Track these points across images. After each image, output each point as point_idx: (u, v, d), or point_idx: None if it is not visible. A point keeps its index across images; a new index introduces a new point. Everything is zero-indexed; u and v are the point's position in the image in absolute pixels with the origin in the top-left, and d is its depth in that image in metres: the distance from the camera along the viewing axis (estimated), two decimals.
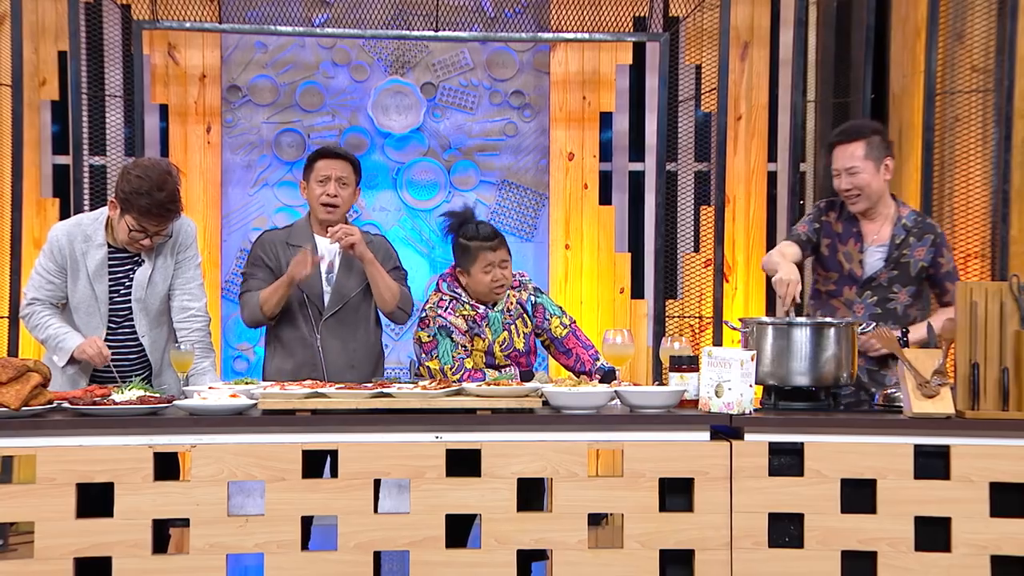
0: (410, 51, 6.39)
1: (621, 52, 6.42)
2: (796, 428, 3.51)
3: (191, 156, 6.19)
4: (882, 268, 4.32)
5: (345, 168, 4.41)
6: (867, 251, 4.35)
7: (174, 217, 4.12)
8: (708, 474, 3.46)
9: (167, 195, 4.03)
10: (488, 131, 6.46)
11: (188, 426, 3.42)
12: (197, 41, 6.20)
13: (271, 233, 4.54)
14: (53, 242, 4.16)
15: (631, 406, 3.60)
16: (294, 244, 4.39)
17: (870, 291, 4.34)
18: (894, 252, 4.32)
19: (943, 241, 4.36)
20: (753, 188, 6.45)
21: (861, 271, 4.35)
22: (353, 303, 4.40)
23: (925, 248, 4.32)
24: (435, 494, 3.42)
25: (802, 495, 3.47)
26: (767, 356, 3.74)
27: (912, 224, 4.34)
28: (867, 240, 4.36)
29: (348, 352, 4.39)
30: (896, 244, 4.32)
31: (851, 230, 4.38)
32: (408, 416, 3.47)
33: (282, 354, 4.41)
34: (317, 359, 4.35)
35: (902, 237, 4.32)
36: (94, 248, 4.15)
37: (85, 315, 4.17)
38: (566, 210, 6.41)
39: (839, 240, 4.40)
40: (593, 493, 3.46)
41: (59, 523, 3.33)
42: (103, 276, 4.15)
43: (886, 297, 4.32)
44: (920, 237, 4.32)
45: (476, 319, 4.27)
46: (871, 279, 4.34)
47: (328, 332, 4.37)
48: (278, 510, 3.39)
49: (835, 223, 4.42)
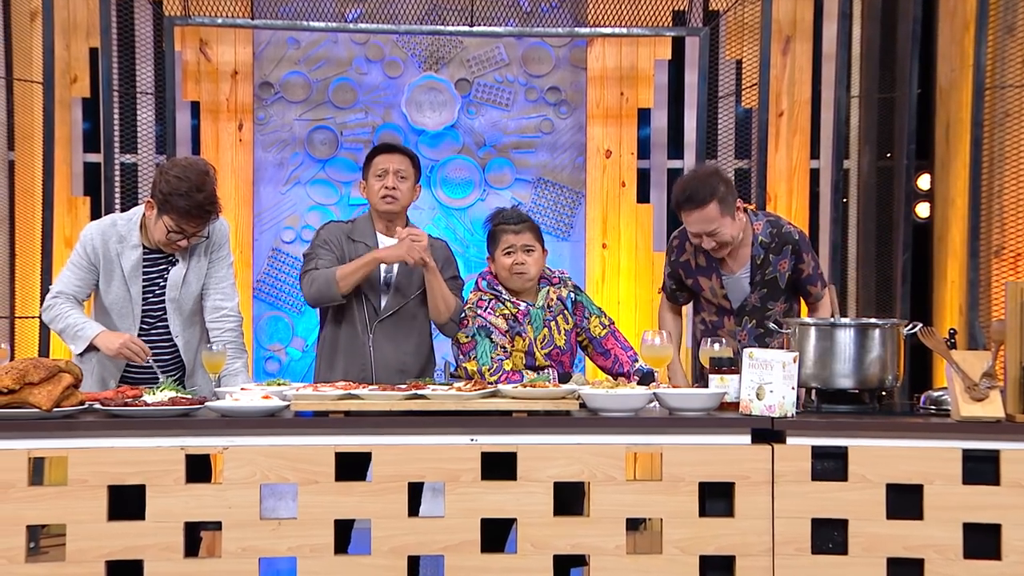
0: (444, 47, 6.41)
1: (660, 47, 6.40)
2: (840, 431, 3.49)
3: (222, 154, 6.23)
4: (749, 292, 4.37)
5: (403, 162, 4.40)
6: (730, 281, 4.39)
7: (213, 218, 4.15)
8: (749, 478, 3.44)
9: (206, 196, 4.06)
10: (524, 128, 6.46)
11: (220, 428, 3.44)
12: (229, 37, 6.24)
13: (335, 224, 4.53)
14: (87, 241, 4.19)
15: (670, 408, 3.59)
16: (357, 239, 4.39)
17: (747, 316, 4.41)
18: (756, 274, 4.35)
19: (803, 245, 4.37)
20: (795, 186, 6.41)
21: (730, 303, 4.40)
22: (411, 306, 4.40)
23: (787, 260, 4.35)
24: (470, 498, 3.42)
25: (846, 500, 3.44)
26: (810, 358, 3.72)
27: (768, 239, 4.35)
28: (725, 269, 4.38)
29: (399, 356, 4.38)
30: (757, 264, 4.35)
31: (711, 263, 4.39)
32: (443, 418, 3.47)
33: (334, 355, 4.40)
34: (367, 360, 4.35)
35: (761, 256, 4.34)
36: (129, 249, 4.18)
37: (118, 316, 4.20)
38: (603, 209, 6.41)
39: (701, 274, 4.43)
40: (631, 497, 3.45)
41: (91, 525, 3.36)
42: (138, 277, 4.18)
43: (764, 316, 4.37)
44: (779, 251, 4.35)
45: (517, 317, 4.27)
46: (743, 306, 4.39)
47: (381, 334, 4.36)
48: (311, 513, 3.40)
49: (693, 258, 4.44)
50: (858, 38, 6.35)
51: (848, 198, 6.39)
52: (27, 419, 3.39)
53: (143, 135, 6.16)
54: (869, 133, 6.36)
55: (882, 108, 6.24)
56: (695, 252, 4.41)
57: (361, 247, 4.37)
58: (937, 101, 6.28)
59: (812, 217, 6.43)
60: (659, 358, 3.88)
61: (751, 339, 4.38)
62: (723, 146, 6.37)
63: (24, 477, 3.35)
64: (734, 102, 6.36)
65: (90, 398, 3.61)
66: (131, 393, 3.66)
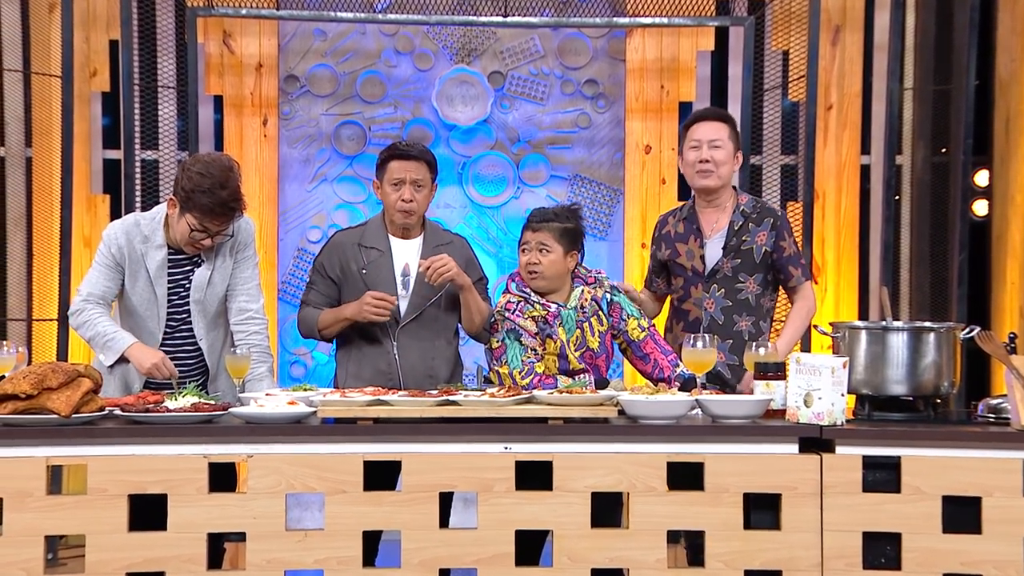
0: (477, 38, 6.41)
1: (702, 37, 6.38)
2: (892, 441, 3.47)
3: (246, 150, 6.27)
4: (722, 257, 4.47)
5: (420, 169, 4.36)
6: (707, 244, 4.50)
7: (237, 216, 4.17)
8: (796, 489, 3.43)
9: (230, 193, 4.08)
10: (560, 123, 6.46)
11: (244, 435, 3.46)
12: (253, 29, 6.28)
13: (343, 234, 4.51)
14: (111, 240, 4.21)
15: (713, 416, 3.58)
16: (367, 246, 4.38)
17: (716, 284, 4.49)
18: (732, 239, 4.46)
19: (785, 224, 4.52)
20: (844, 183, 6.38)
21: (703, 266, 4.50)
22: (432, 310, 4.39)
23: (766, 232, 4.47)
24: (504, 508, 3.42)
25: (899, 513, 3.43)
26: (860, 363, 3.70)
27: (750, 210, 4.51)
28: (706, 233, 4.52)
29: (427, 361, 4.37)
30: (735, 230, 4.47)
31: (691, 227, 4.55)
32: (475, 425, 3.48)
33: (356, 363, 4.40)
34: (393, 368, 4.34)
35: (740, 223, 4.47)
36: (154, 249, 4.20)
37: (143, 318, 4.23)
38: (643, 207, 6.40)
39: (679, 240, 4.56)
40: (672, 509, 3.45)
41: (111, 536, 3.38)
42: (163, 278, 4.20)
43: (734, 288, 4.48)
44: (759, 222, 4.48)
45: (547, 319, 4.27)
46: (714, 271, 4.49)
47: (406, 340, 4.35)
48: (338, 524, 3.42)
49: (673, 227, 4.62)
50: (912, 27, 6.31)
51: (901, 196, 6.35)
52: (45, 425, 3.42)
53: (164, 131, 6.20)
54: (923, 127, 6.31)
55: (937, 101, 6.20)
56: (676, 222, 4.60)
57: (373, 253, 4.37)
58: (996, 93, 6.23)
59: (863, 216, 6.40)
60: (702, 362, 3.86)
61: (718, 308, 4.47)
62: (768, 141, 6.35)
63: (42, 486, 3.38)
64: (780, 95, 6.34)
65: (110, 404, 3.64)
66: (152, 399, 3.68)
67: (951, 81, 6.12)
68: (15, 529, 3.37)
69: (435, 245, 4.41)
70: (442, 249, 4.37)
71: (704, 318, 4.46)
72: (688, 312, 4.53)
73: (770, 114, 6.34)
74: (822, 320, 6.10)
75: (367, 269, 4.35)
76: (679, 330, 4.52)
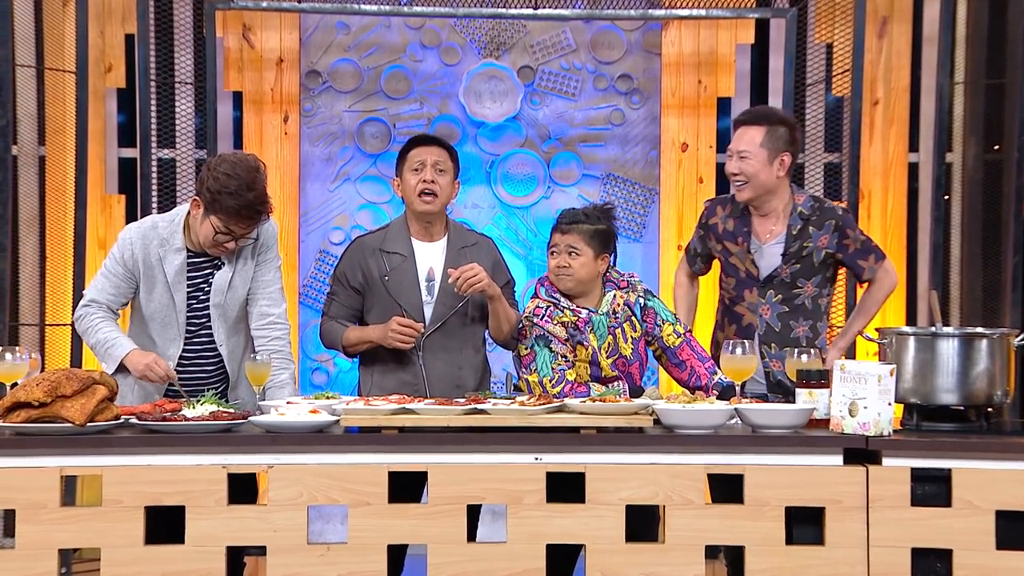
0: (506, 31, 6.42)
1: (742, 30, 6.37)
2: (942, 452, 3.46)
3: (266, 148, 6.29)
4: (781, 264, 4.43)
5: (441, 154, 4.40)
6: (761, 250, 4.46)
7: (263, 220, 4.18)
8: (841, 503, 3.42)
9: (257, 195, 4.09)
10: (592, 119, 6.46)
11: (265, 444, 3.47)
12: (274, 22, 6.30)
13: (364, 239, 4.52)
14: (124, 245, 4.23)
15: (753, 426, 3.58)
16: (389, 251, 4.40)
17: (772, 290, 4.46)
18: (792, 245, 4.41)
19: (847, 222, 4.48)
20: (891, 182, 6.36)
21: (757, 271, 4.46)
22: (459, 317, 4.41)
23: (828, 235, 4.43)
24: (534, 522, 3.43)
25: (950, 528, 3.41)
26: (909, 370, 3.69)
27: (809, 212, 4.44)
28: (761, 239, 4.47)
29: (454, 370, 4.39)
30: (793, 235, 4.42)
31: (742, 228, 4.50)
32: (505, 435, 3.48)
33: (380, 374, 4.41)
34: (419, 378, 4.36)
35: (799, 227, 4.42)
36: (172, 253, 4.22)
37: (161, 325, 4.24)
38: (679, 207, 6.39)
39: (729, 239, 4.52)
40: (711, 523, 3.44)
41: (126, 549, 3.40)
42: (182, 283, 4.22)
43: (791, 293, 4.45)
44: (820, 225, 4.43)
45: (578, 325, 4.27)
46: (771, 277, 4.45)
47: (432, 348, 4.37)
48: (362, 537, 3.43)
49: (723, 222, 4.56)
50: (963, 18, 6.27)
51: (951, 195, 6.32)
52: (59, 434, 3.44)
53: (182, 128, 6.24)
54: (975, 123, 6.28)
55: (990, 95, 6.16)
56: (725, 217, 4.54)
57: (396, 258, 4.38)
58: None
59: (911, 216, 6.37)
60: (742, 369, 3.85)
61: (774, 315, 4.45)
62: (811, 139, 6.33)
63: (56, 497, 3.40)
64: (824, 90, 6.32)
65: (126, 412, 3.66)
66: (170, 407, 3.70)
67: (1005, 75, 6.09)
68: (28, 542, 3.39)
69: (460, 247, 4.42)
70: (467, 251, 4.38)
71: (759, 325, 4.45)
72: (742, 316, 4.52)
73: (813, 110, 6.32)
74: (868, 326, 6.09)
75: (389, 276, 4.36)
76: (732, 333, 4.51)
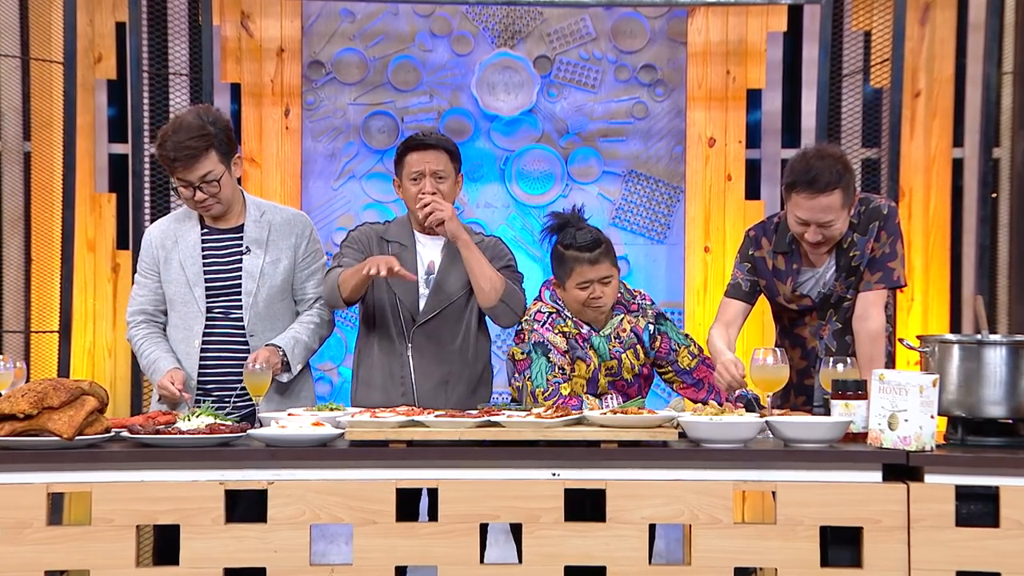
0: (521, 19, 6.43)
1: (773, 17, 6.37)
2: (989, 468, 3.45)
3: (267, 143, 6.31)
4: (834, 284, 4.34)
5: (440, 159, 4.44)
6: (811, 278, 4.36)
7: (200, 153, 4.22)
8: (880, 522, 3.42)
9: (184, 130, 4.22)
10: (613, 113, 6.46)
11: (265, 459, 3.49)
12: (274, 10, 6.32)
13: (370, 225, 4.64)
14: (145, 243, 4.45)
15: (785, 439, 3.58)
16: (391, 240, 4.47)
17: (831, 309, 4.38)
18: (841, 259, 4.31)
19: (887, 223, 4.29)
20: (934, 178, 6.34)
21: (811, 300, 4.38)
22: (454, 309, 4.45)
23: (872, 240, 4.29)
24: (552, 542, 3.43)
25: (997, 550, 3.41)
26: (953, 381, 3.68)
27: (856, 219, 4.30)
28: (816, 264, 4.35)
29: (441, 365, 4.42)
30: (843, 248, 4.30)
31: (791, 266, 4.37)
32: (520, 449, 3.49)
33: (367, 368, 4.49)
34: (406, 372, 4.41)
35: (849, 239, 4.29)
36: (187, 229, 4.39)
37: (182, 305, 4.36)
38: (706, 206, 6.38)
39: (778, 278, 4.41)
40: (740, 543, 3.44)
41: (117, 571, 3.41)
42: (196, 257, 4.35)
43: (842, 308, 4.37)
44: (865, 230, 4.29)
45: (578, 340, 4.27)
46: (827, 298, 4.36)
47: (421, 341, 4.42)
48: (368, 558, 3.44)
49: (771, 258, 4.42)
50: (1011, 4, 6.27)
51: (998, 192, 6.31)
52: (45, 448, 3.46)
53: None
54: None
55: None
56: (773, 253, 4.41)
57: (396, 247, 4.45)
58: None
59: (955, 215, 6.36)
60: (772, 380, 3.84)
61: (831, 334, 4.37)
62: (848, 132, 6.32)
63: (42, 515, 3.42)
64: (861, 81, 6.31)
65: (117, 425, 3.67)
66: (163, 419, 3.71)
67: None
68: (11, 563, 3.40)
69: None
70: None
71: (820, 348, 4.37)
72: (805, 340, 4.44)
73: (850, 102, 6.32)
74: (909, 333, 6.08)
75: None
76: (798, 357, 4.41)
